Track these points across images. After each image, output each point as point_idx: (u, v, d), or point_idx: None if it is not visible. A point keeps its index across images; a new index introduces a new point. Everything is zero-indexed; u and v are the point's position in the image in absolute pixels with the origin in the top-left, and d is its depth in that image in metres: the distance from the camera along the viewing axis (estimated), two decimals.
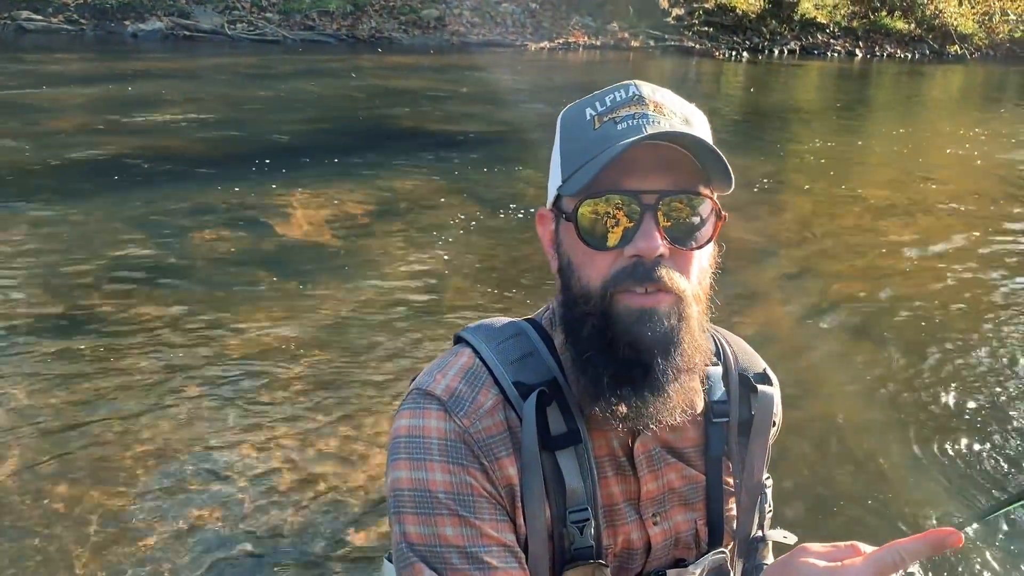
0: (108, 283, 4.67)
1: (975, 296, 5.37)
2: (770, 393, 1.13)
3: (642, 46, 19.42)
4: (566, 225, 1.00)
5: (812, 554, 0.81)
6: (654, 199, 0.94)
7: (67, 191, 6.18)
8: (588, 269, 0.97)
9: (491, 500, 0.96)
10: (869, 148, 10.19)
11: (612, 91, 1.02)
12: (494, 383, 1.01)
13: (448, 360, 1.05)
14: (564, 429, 1.00)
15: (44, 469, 3.03)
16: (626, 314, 0.94)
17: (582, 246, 0.97)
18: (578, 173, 0.97)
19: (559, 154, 1.03)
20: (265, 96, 10.67)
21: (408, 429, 0.99)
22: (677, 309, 0.95)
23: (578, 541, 0.99)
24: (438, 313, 4.57)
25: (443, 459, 0.96)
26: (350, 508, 2.94)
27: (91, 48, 14.05)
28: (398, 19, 18.05)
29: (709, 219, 0.98)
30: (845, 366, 4.24)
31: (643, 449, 1.06)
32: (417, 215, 6.26)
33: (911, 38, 23.42)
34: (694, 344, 0.97)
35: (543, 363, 1.03)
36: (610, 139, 0.95)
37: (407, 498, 0.96)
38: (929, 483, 3.30)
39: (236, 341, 4.09)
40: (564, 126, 1.04)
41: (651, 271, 0.94)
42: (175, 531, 2.77)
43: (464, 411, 0.98)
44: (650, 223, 0.93)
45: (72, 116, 8.68)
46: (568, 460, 0.99)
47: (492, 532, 0.95)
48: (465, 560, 0.93)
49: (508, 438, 0.99)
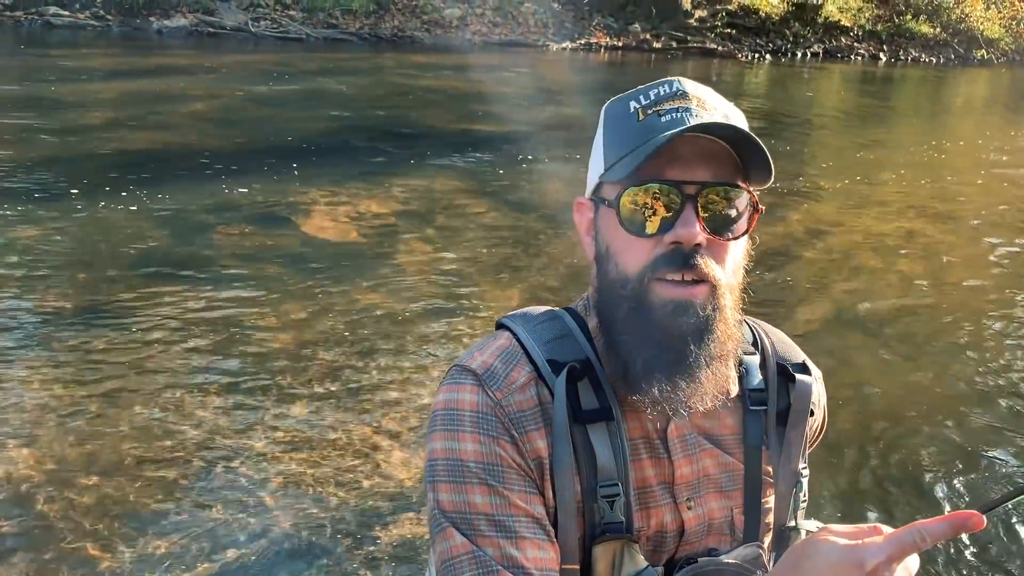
0: (132, 278, 4.70)
1: (998, 299, 5.32)
2: (808, 382, 1.14)
3: (664, 47, 19.35)
4: (606, 212, 1.03)
5: (834, 533, 0.83)
6: (695, 189, 0.97)
7: (92, 186, 6.24)
8: (627, 255, 1.00)
9: (520, 472, 0.99)
10: (893, 153, 10.11)
11: (656, 86, 1.06)
12: (528, 361, 1.04)
13: (487, 342, 1.09)
14: (596, 405, 1.02)
15: (66, 463, 3.06)
16: (662, 303, 0.97)
17: (622, 232, 0.99)
18: (621, 162, 1.00)
19: (602, 144, 1.06)
20: (288, 93, 10.72)
21: (445, 403, 1.03)
22: (712, 299, 0.98)
23: (608, 516, 1.01)
24: (460, 311, 4.58)
25: (474, 430, 0.99)
26: (376, 503, 2.95)
27: (117, 44, 14.17)
28: (420, 18, 18.08)
29: (746, 212, 1.01)
30: (872, 363, 4.21)
31: (677, 433, 1.07)
32: (439, 214, 6.28)
33: (936, 42, 23.20)
34: (727, 332, 1.00)
35: (577, 344, 1.06)
36: (654, 130, 0.99)
37: (441, 467, 1.00)
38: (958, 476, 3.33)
39: (259, 337, 4.11)
40: (608, 117, 1.07)
41: (689, 258, 0.96)
42: (197, 524, 2.79)
43: (497, 385, 1.01)
44: (690, 212, 0.96)
45: (97, 111, 8.75)
46: (599, 435, 1.02)
47: (520, 503, 0.98)
48: (493, 527, 0.96)
49: (539, 413, 1.01)
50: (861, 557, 0.78)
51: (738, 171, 1.00)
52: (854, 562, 0.78)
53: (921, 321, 4.99)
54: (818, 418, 1.20)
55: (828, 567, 0.79)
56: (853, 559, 0.78)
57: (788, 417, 1.12)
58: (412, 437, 3.36)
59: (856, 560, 0.78)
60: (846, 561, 0.79)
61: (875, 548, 0.78)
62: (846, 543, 0.80)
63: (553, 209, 6.62)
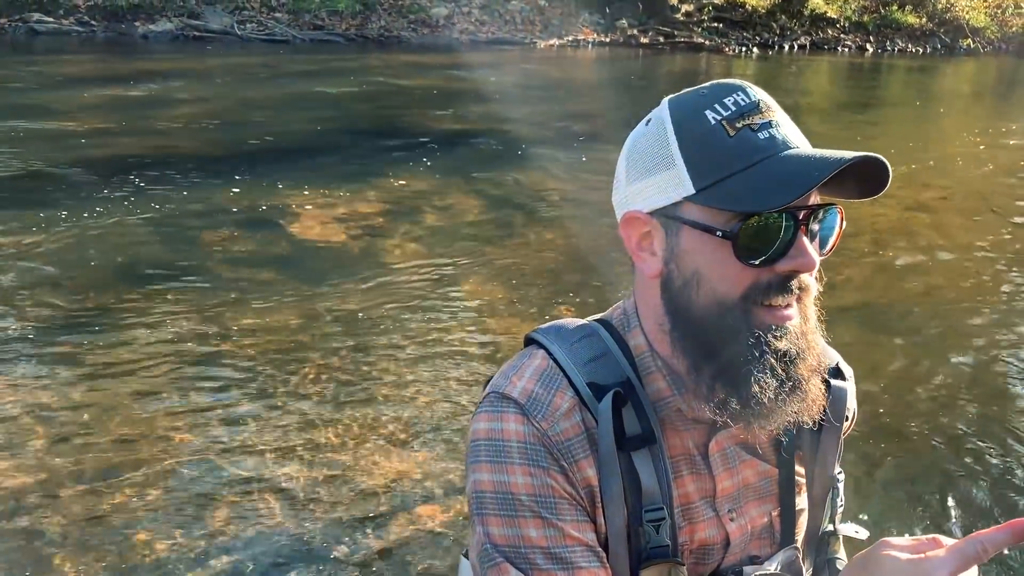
0: (121, 283, 4.67)
1: (994, 288, 5.33)
2: (843, 387, 1.14)
3: (651, 43, 19.36)
4: (697, 235, 0.96)
5: (895, 547, 0.82)
6: (806, 214, 0.95)
7: (79, 192, 6.20)
8: (725, 282, 0.95)
9: (572, 501, 0.98)
10: (881, 143, 10.12)
11: (728, 93, 0.99)
12: (569, 385, 1.02)
13: (522, 362, 1.06)
14: (639, 430, 1.01)
15: (55, 472, 3.03)
16: (766, 328, 0.95)
17: (729, 260, 0.94)
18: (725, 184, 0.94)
19: (680, 157, 0.97)
20: (275, 96, 10.68)
21: (488, 433, 1.00)
22: (804, 314, 0.98)
23: (654, 540, 1.01)
24: (451, 312, 4.56)
25: (524, 462, 0.98)
26: (368, 505, 2.93)
27: (102, 49, 14.10)
28: (407, 18, 18.05)
29: (836, 227, 1.01)
30: (872, 354, 4.21)
31: (718, 448, 1.07)
32: (429, 214, 6.26)
33: (922, 32, 23.27)
34: (817, 343, 1.01)
35: (616, 364, 1.04)
36: (755, 150, 0.94)
37: (489, 500, 0.98)
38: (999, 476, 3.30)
39: (249, 341, 4.09)
40: (681, 128, 0.98)
41: (800, 283, 0.96)
42: (190, 534, 2.77)
43: (542, 414, 0.99)
44: (803, 239, 0.94)
45: (83, 117, 8.70)
46: (643, 460, 1.01)
47: (574, 532, 0.97)
48: (549, 560, 0.95)
49: (585, 440, 1.00)
50: (927, 572, 0.78)
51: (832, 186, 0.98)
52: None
53: (925, 310, 4.98)
54: (852, 420, 1.21)
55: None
56: (919, 574, 0.78)
57: (824, 423, 1.11)
58: (406, 438, 3.35)
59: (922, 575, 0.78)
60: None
61: (939, 562, 0.78)
62: (908, 557, 0.80)
63: (543, 206, 6.60)
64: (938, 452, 3.47)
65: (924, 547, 0.82)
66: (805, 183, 0.89)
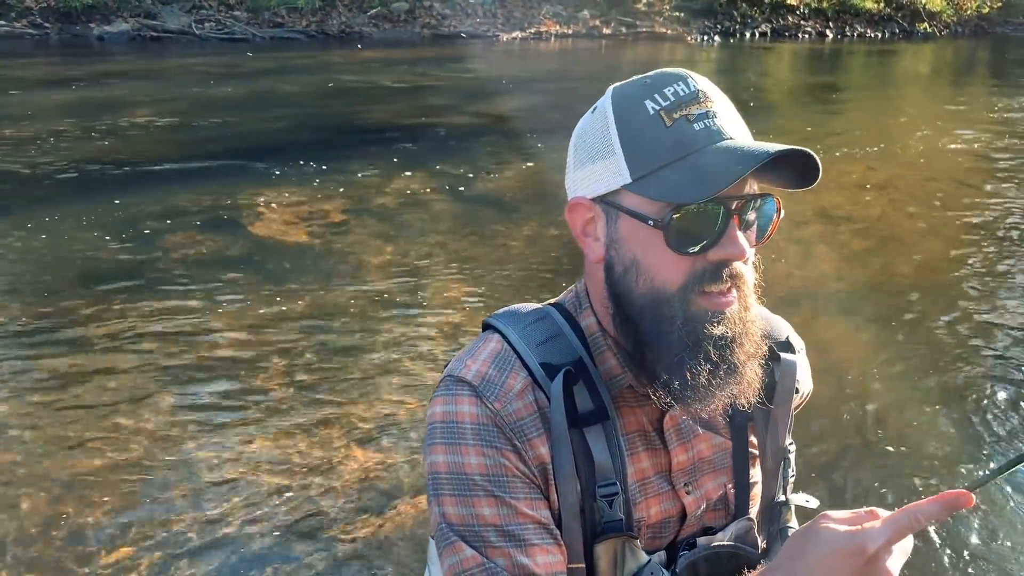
0: (82, 290, 4.59)
1: (957, 267, 5.41)
2: (792, 360, 1.17)
3: (614, 33, 19.40)
4: (634, 224, 0.99)
5: (833, 520, 0.86)
6: (739, 204, 0.97)
7: (37, 197, 6.08)
8: (664, 271, 0.98)
9: (525, 479, 1.01)
10: (845, 127, 10.23)
11: (667, 82, 1.00)
12: (522, 366, 1.04)
13: (477, 346, 1.09)
14: (591, 406, 1.03)
15: (16, 480, 2.98)
16: (705, 314, 0.97)
17: (662, 248, 0.97)
18: (659, 176, 0.96)
19: (618, 146, 0.99)
20: (235, 95, 10.56)
21: (443, 415, 1.03)
22: (744, 300, 1.00)
23: (607, 515, 1.03)
24: (417, 309, 4.54)
25: (477, 442, 1.00)
26: (339, 505, 2.91)
27: (56, 52, 13.85)
28: (367, 13, 17.92)
29: (773, 216, 1.03)
30: (849, 339, 4.26)
31: (672, 423, 1.09)
32: (393, 211, 6.22)
33: (881, 17, 23.55)
34: (757, 328, 1.03)
35: (568, 344, 1.06)
36: (690, 139, 0.96)
37: (444, 481, 1.01)
38: (939, 449, 3.38)
39: (214, 343, 4.04)
40: (620, 117, 1.00)
41: (731, 271, 0.98)
42: (160, 543, 2.73)
43: (495, 395, 1.02)
44: (735, 228, 0.96)
45: (39, 122, 8.54)
46: (596, 436, 1.03)
47: (527, 510, 0.99)
48: (502, 538, 0.98)
49: (538, 418, 1.02)
50: (862, 542, 0.82)
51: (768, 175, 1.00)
52: (856, 547, 0.82)
53: (882, 294, 5.05)
54: (803, 391, 1.23)
55: (831, 554, 0.83)
56: (854, 544, 0.82)
57: (774, 396, 1.15)
58: (375, 436, 3.33)
59: (857, 545, 0.82)
60: (848, 547, 0.82)
61: (874, 532, 0.82)
62: (846, 529, 0.84)
63: (509, 201, 6.59)
64: (879, 430, 3.53)
65: (861, 519, 0.85)
66: (727, 178, 0.92)
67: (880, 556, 0.82)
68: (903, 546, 0.85)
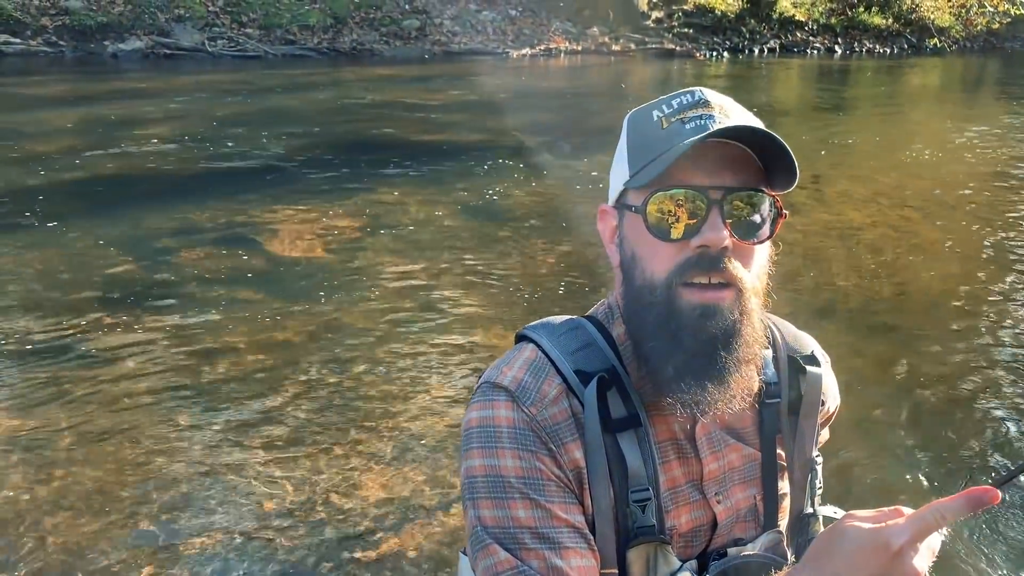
0: (97, 306, 4.62)
1: (966, 281, 5.39)
2: (818, 373, 1.18)
3: (623, 50, 19.46)
4: (632, 218, 1.04)
5: (858, 518, 0.86)
6: (720, 195, 0.99)
7: (53, 214, 6.12)
8: (653, 261, 1.02)
9: (560, 483, 1.02)
10: (854, 142, 10.23)
11: (678, 95, 1.07)
12: (556, 373, 1.06)
13: (513, 355, 1.11)
14: (624, 413, 1.05)
15: (36, 496, 2.99)
16: (690, 307, 0.98)
17: (648, 238, 1.01)
18: (646, 168, 1.02)
19: (625, 152, 1.08)
20: (248, 112, 10.62)
21: (479, 420, 1.05)
22: (739, 303, 1.00)
23: (640, 519, 1.04)
24: (432, 325, 4.55)
25: (513, 446, 1.02)
26: (357, 525, 2.90)
27: (71, 70, 13.97)
28: (379, 31, 18.03)
29: (769, 216, 1.03)
30: (864, 349, 4.24)
31: (703, 432, 1.11)
32: (407, 227, 6.24)
33: (889, 33, 23.59)
34: (753, 335, 1.03)
35: (601, 353, 1.08)
36: (678, 136, 1.01)
37: (481, 484, 1.02)
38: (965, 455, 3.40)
39: (229, 359, 4.05)
40: (631, 127, 1.09)
41: (716, 261, 0.98)
42: (171, 551, 2.73)
43: (531, 400, 1.04)
44: (716, 216, 0.98)
45: (55, 139, 8.61)
46: (629, 442, 1.04)
47: (561, 514, 1.00)
48: (537, 540, 0.98)
49: (573, 424, 1.04)
50: (887, 539, 0.81)
51: (762, 176, 1.03)
52: (880, 544, 0.81)
53: (896, 306, 5.03)
54: (829, 405, 1.25)
55: (856, 551, 0.83)
56: (879, 541, 0.82)
57: (800, 408, 1.17)
58: (394, 454, 3.32)
59: (882, 542, 0.81)
60: (873, 544, 0.82)
61: (898, 529, 0.81)
62: (871, 527, 0.84)
63: (525, 216, 6.60)
64: (907, 436, 3.51)
65: (886, 516, 0.85)
66: (676, 152, 0.97)
67: (905, 552, 0.81)
68: (931, 545, 0.84)
